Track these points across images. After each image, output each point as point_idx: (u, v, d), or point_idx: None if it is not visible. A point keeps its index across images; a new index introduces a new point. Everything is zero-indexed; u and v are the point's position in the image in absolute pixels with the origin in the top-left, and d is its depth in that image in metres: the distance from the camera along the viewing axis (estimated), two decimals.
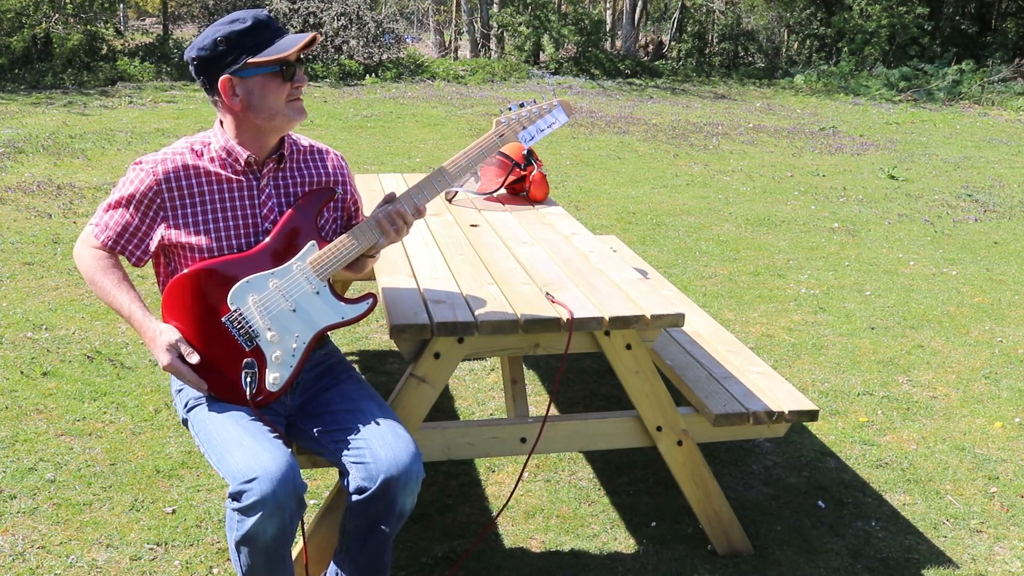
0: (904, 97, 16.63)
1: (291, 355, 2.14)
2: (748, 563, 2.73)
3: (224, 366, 2.10)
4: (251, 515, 1.94)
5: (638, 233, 6.50)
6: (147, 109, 11.51)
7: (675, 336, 3.11)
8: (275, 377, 2.13)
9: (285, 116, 2.12)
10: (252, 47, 2.07)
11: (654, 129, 11.67)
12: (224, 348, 2.09)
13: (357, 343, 4.30)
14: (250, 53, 2.07)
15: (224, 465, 2.02)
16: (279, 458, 1.98)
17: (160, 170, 2.11)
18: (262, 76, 2.08)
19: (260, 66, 2.07)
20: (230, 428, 2.06)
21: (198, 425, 2.14)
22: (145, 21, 24.67)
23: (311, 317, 2.15)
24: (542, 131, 2.26)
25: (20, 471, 3.05)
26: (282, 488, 1.94)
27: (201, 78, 2.11)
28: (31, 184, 7.09)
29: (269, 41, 2.09)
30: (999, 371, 4.30)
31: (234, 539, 2.00)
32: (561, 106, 2.26)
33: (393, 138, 10.04)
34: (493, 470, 3.21)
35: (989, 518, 3.05)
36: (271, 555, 2.02)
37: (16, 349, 4.03)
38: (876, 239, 6.65)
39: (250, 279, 2.09)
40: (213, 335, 2.09)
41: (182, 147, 2.17)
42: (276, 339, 2.12)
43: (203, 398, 2.16)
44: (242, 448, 2.00)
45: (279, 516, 1.97)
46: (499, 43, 19.57)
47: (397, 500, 2.11)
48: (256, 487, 1.92)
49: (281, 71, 2.09)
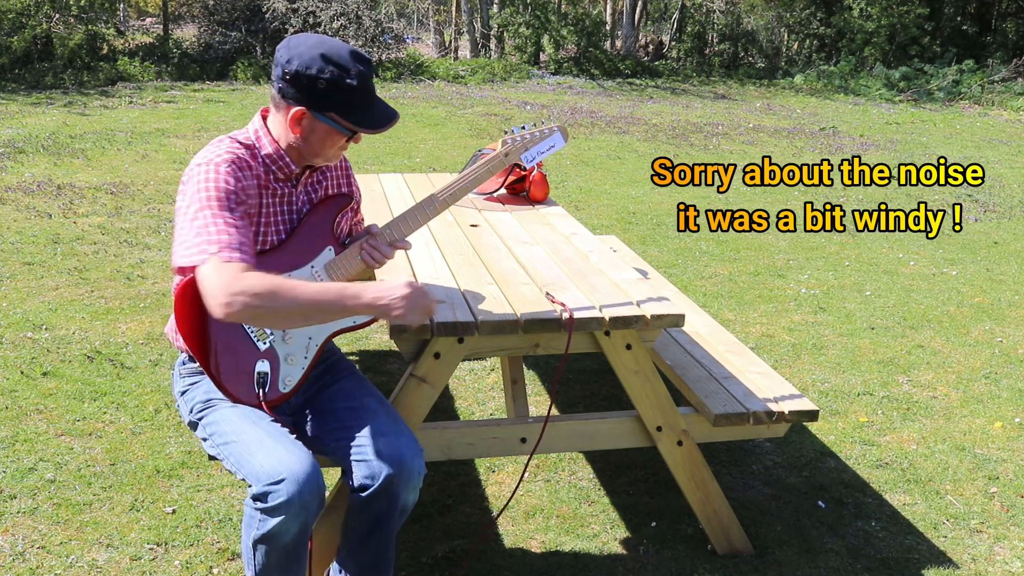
0: (904, 97, 16.63)
1: (303, 357, 2.15)
2: (748, 563, 2.73)
3: (237, 367, 2.09)
4: (276, 516, 1.95)
5: (638, 233, 6.50)
6: (147, 109, 11.51)
7: (675, 336, 3.11)
8: (287, 378, 2.14)
9: (325, 159, 2.14)
10: (344, 104, 2.05)
11: (654, 129, 11.67)
12: (238, 348, 2.08)
13: (357, 343, 4.30)
14: (339, 109, 2.05)
15: (246, 466, 2.01)
16: (303, 459, 1.98)
17: (234, 167, 2.03)
18: (332, 127, 2.08)
19: (338, 123, 2.07)
20: (249, 430, 2.05)
21: (211, 427, 2.12)
22: (145, 21, 24.66)
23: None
24: (542, 153, 2.42)
25: (20, 471, 3.05)
26: (308, 489, 1.95)
27: (280, 85, 2.07)
28: (31, 184, 7.09)
29: (362, 106, 2.06)
30: (999, 371, 4.30)
31: (252, 538, 2.00)
32: (560, 132, 2.43)
33: (393, 138, 10.04)
34: (493, 470, 3.21)
35: (989, 518, 3.05)
36: (289, 554, 2.03)
37: (16, 349, 4.03)
38: (876, 239, 6.65)
39: None
40: (228, 335, 2.07)
41: (239, 146, 2.09)
42: (290, 340, 2.13)
43: (211, 400, 2.14)
44: (265, 449, 1.99)
45: (303, 516, 1.98)
46: (499, 43, 19.57)
47: (399, 496, 2.12)
48: (284, 488, 1.93)
49: (350, 135, 2.10)
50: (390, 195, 3.59)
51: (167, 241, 5.77)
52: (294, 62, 2.02)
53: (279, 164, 2.12)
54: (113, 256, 5.41)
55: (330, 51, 2.03)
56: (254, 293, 1.86)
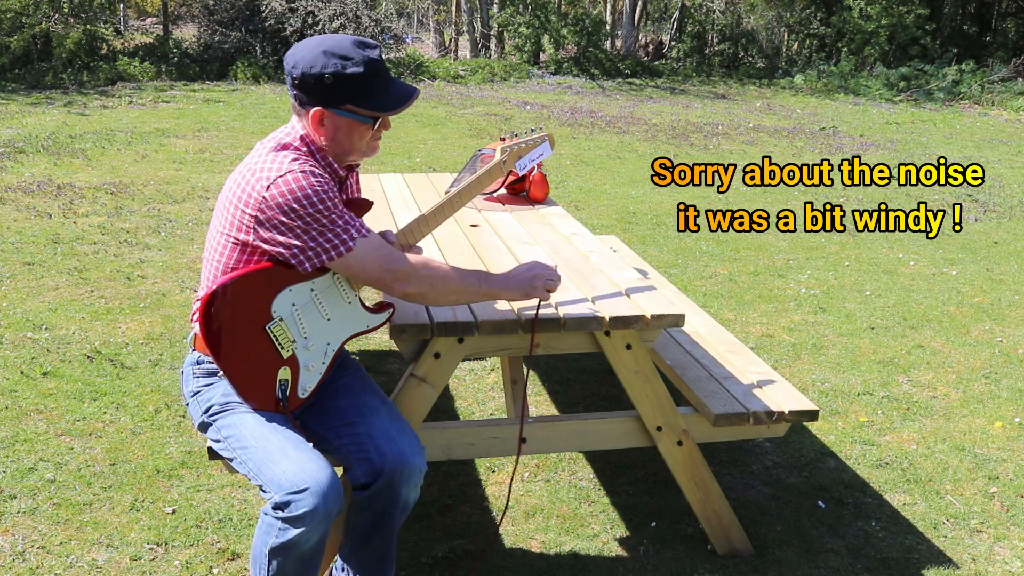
0: (904, 97, 16.63)
1: (321, 363, 2.15)
2: (748, 563, 2.73)
3: (260, 373, 2.07)
4: (299, 526, 1.94)
5: (638, 233, 6.50)
6: (147, 109, 11.51)
7: (675, 336, 3.11)
8: (307, 385, 2.14)
9: (360, 153, 2.13)
10: (356, 93, 2.04)
11: (654, 129, 11.67)
12: (261, 355, 2.06)
13: (357, 343, 4.30)
14: (354, 99, 2.04)
15: (267, 474, 1.99)
16: (325, 468, 1.98)
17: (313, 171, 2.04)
18: (352, 119, 2.07)
19: (357, 113, 2.06)
20: (270, 437, 2.04)
21: (228, 430, 2.10)
22: (145, 21, 24.65)
23: (342, 326, 2.16)
24: (533, 160, 2.56)
25: (20, 471, 3.05)
26: (332, 498, 1.95)
27: (294, 93, 2.07)
28: (31, 184, 7.09)
29: (376, 90, 2.05)
30: (999, 371, 4.30)
31: (270, 546, 1.99)
32: (548, 140, 2.59)
33: (393, 138, 10.04)
34: (493, 470, 3.21)
35: (989, 518, 3.05)
36: (305, 563, 2.03)
37: (16, 349, 4.03)
38: (876, 239, 6.66)
39: (292, 288, 2.06)
40: (253, 342, 2.05)
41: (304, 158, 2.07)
42: (312, 347, 2.12)
43: (229, 403, 2.12)
44: (288, 458, 1.98)
45: (325, 525, 1.98)
46: (499, 43, 19.57)
47: (401, 493, 2.13)
48: (308, 498, 1.92)
49: (373, 122, 2.09)
50: (390, 195, 3.59)
51: (167, 241, 5.77)
52: (299, 66, 2.02)
53: (331, 169, 2.12)
54: (113, 256, 5.41)
55: (331, 46, 2.02)
56: (426, 268, 2.09)
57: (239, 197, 2.02)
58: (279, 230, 1.98)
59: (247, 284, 2.03)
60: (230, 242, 2.05)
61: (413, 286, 2.09)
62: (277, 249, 2.01)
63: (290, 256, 2.01)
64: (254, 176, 2.01)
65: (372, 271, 2.06)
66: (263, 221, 1.98)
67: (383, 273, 2.07)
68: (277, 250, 2.01)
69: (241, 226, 2.01)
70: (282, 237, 1.99)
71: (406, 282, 2.08)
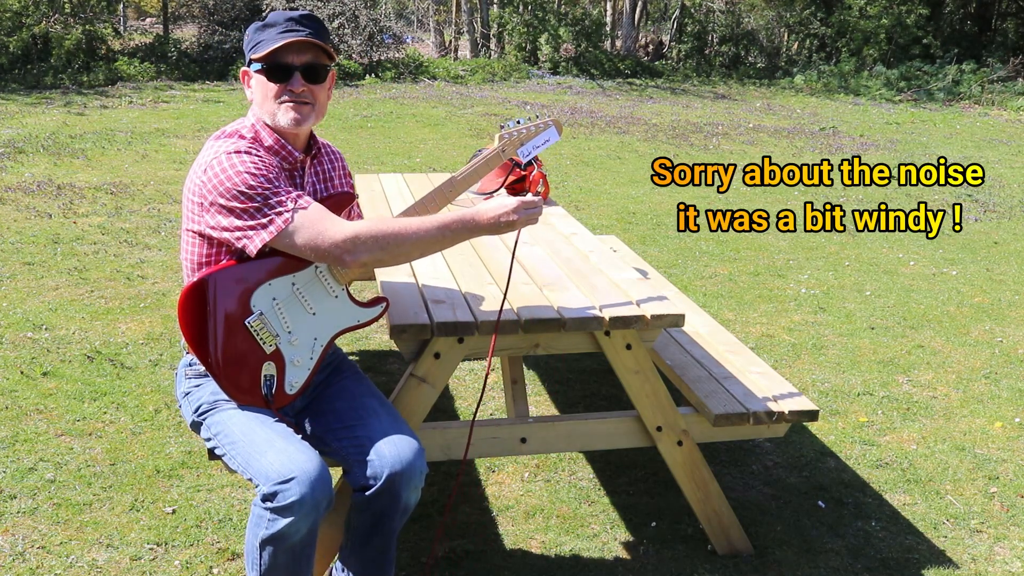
0: (904, 97, 16.63)
1: (309, 358, 2.14)
2: (748, 563, 2.73)
3: (244, 368, 2.07)
4: (286, 516, 1.94)
5: (638, 233, 6.50)
6: (146, 109, 11.51)
7: (675, 336, 3.11)
8: (293, 380, 2.13)
9: (277, 118, 2.10)
10: (256, 43, 2.09)
11: (654, 129, 11.67)
12: (244, 351, 2.06)
13: (357, 343, 4.30)
14: (254, 50, 2.10)
15: (255, 466, 2.00)
16: (313, 459, 1.98)
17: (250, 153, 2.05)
18: (258, 74, 2.11)
19: (254, 63, 2.11)
20: (257, 430, 2.05)
21: (216, 427, 2.11)
22: (145, 21, 24.65)
23: (329, 320, 2.15)
24: (538, 147, 2.43)
25: (20, 471, 3.05)
26: (319, 488, 1.95)
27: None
28: (31, 184, 7.09)
29: (268, 39, 2.08)
30: (999, 371, 4.30)
31: (260, 538, 1.99)
32: (554, 125, 2.46)
33: (393, 138, 10.04)
34: (493, 470, 3.21)
35: (989, 518, 3.05)
36: (297, 554, 2.03)
37: (16, 349, 4.03)
38: (876, 239, 6.65)
39: (272, 282, 2.06)
40: (234, 337, 2.05)
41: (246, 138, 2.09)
42: (296, 342, 2.12)
43: (217, 401, 2.13)
44: (275, 449, 1.99)
45: (314, 516, 1.98)
46: (499, 43, 19.57)
47: (401, 495, 2.12)
48: (294, 488, 1.92)
49: (264, 69, 2.09)
50: (390, 195, 3.59)
51: (167, 241, 5.77)
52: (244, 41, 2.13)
53: (282, 153, 2.13)
54: (113, 256, 5.41)
55: (266, 16, 2.13)
56: (371, 233, 1.97)
57: (189, 188, 2.07)
58: (221, 213, 2.00)
59: (223, 280, 2.04)
60: (189, 235, 2.09)
61: (364, 254, 1.98)
62: (223, 235, 2.01)
63: (234, 240, 2.01)
64: (198, 165, 2.06)
65: (316, 244, 1.97)
66: (206, 207, 2.02)
67: (331, 247, 1.97)
68: (223, 235, 2.02)
69: (193, 216, 2.06)
70: (224, 220, 2.00)
71: (354, 252, 1.98)
